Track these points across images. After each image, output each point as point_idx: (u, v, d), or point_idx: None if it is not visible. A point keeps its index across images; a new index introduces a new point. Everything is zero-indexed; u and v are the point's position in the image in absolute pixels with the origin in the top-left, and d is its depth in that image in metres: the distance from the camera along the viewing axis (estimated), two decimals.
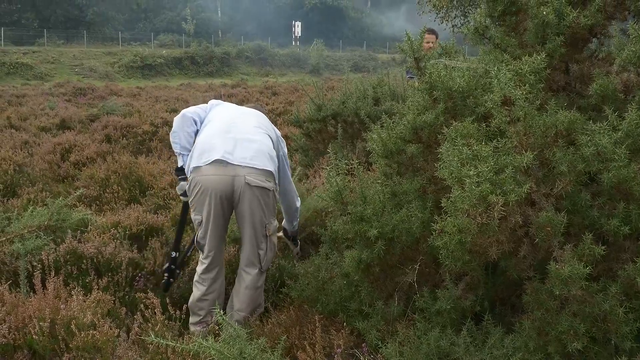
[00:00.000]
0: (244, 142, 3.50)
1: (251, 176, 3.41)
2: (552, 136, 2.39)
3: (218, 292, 3.63)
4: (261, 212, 3.52)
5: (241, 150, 3.45)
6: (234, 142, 3.47)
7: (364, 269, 3.05)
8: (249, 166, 3.42)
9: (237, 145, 3.46)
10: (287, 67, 50.78)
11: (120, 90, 24.67)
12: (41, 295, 3.29)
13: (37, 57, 41.10)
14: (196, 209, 3.53)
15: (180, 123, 3.66)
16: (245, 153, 3.45)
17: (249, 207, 3.46)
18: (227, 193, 3.42)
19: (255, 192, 3.44)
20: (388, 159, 3.11)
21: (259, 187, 3.45)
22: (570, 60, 2.92)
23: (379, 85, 7.39)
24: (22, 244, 3.99)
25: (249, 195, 3.43)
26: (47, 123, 12.80)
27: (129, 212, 5.22)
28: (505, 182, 2.18)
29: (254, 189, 3.43)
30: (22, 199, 6.27)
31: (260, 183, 3.45)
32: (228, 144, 3.45)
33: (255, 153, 3.48)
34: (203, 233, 3.54)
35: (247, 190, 3.42)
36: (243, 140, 3.51)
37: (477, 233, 2.20)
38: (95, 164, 7.93)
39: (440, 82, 2.79)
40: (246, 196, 3.43)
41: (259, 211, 3.50)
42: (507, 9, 2.93)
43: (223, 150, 3.41)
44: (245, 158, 3.43)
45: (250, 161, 3.44)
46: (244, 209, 3.47)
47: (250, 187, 3.42)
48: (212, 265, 3.59)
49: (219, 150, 3.41)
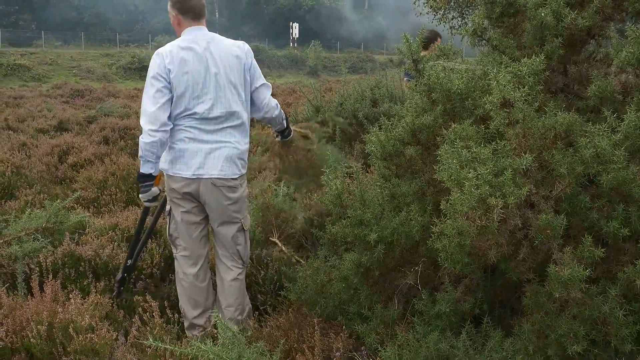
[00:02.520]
0: (220, 150, 3.39)
1: (218, 178, 3.39)
2: (551, 138, 2.39)
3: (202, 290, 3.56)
4: (229, 209, 3.46)
5: (212, 162, 3.37)
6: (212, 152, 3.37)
7: (363, 272, 3.04)
8: (217, 177, 3.38)
9: (213, 157, 3.37)
10: (284, 68, 50.78)
11: (118, 92, 24.65)
12: (39, 298, 3.28)
13: (34, 58, 41.05)
14: (169, 201, 3.53)
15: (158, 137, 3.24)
16: (216, 165, 3.37)
17: (216, 204, 3.42)
18: (193, 194, 3.41)
19: (222, 190, 3.40)
20: (386, 161, 3.10)
21: (225, 187, 3.41)
22: (569, 62, 2.92)
23: (376, 86, 7.40)
24: (20, 247, 3.97)
25: (215, 194, 3.39)
26: (45, 125, 12.77)
27: (127, 214, 5.21)
28: (505, 184, 2.17)
29: (220, 188, 3.40)
30: (19, 201, 6.25)
31: (226, 183, 3.41)
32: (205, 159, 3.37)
33: (230, 162, 3.41)
34: (175, 225, 3.51)
35: (213, 190, 3.39)
36: (219, 149, 3.39)
37: (476, 236, 2.20)
38: (93, 165, 7.92)
39: (438, 84, 2.79)
40: (212, 195, 3.39)
41: (226, 208, 3.45)
42: (505, 11, 2.93)
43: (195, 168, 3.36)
44: (215, 170, 3.37)
45: (220, 172, 3.38)
46: (211, 207, 3.44)
47: (215, 187, 3.38)
48: (194, 257, 3.53)
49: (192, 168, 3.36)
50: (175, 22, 3.46)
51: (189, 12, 3.41)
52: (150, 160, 3.28)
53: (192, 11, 3.41)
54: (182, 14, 3.41)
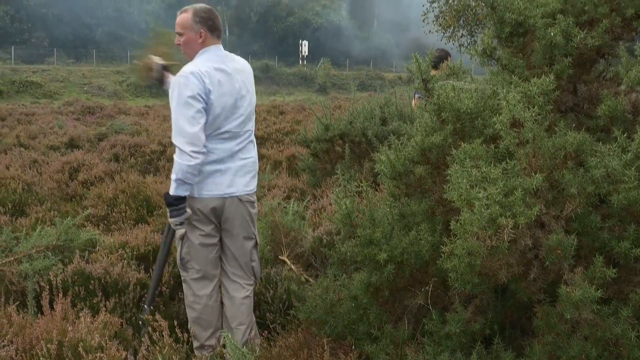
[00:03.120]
0: (246, 167, 3.49)
1: (243, 196, 3.48)
2: (561, 158, 2.38)
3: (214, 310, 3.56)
4: (251, 225, 3.54)
5: (241, 179, 3.46)
6: (240, 170, 3.46)
7: (372, 292, 3.03)
8: (244, 193, 3.48)
9: (241, 175, 3.46)
10: (294, 86, 51.03)
11: (129, 109, 24.85)
12: (49, 317, 3.29)
13: (46, 75, 41.49)
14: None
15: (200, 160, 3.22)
16: (244, 182, 3.48)
17: (240, 219, 3.47)
18: (217, 210, 3.42)
19: (246, 206, 3.49)
20: (396, 181, 3.10)
21: (249, 202, 3.51)
22: (578, 81, 2.92)
23: (386, 105, 7.41)
24: (30, 264, 4.00)
25: (241, 210, 3.45)
26: (56, 142, 12.89)
27: (137, 232, 5.22)
28: (515, 204, 2.16)
29: (245, 203, 3.48)
30: (30, 218, 6.29)
31: (250, 198, 3.53)
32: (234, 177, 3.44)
33: (250, 179, 3.53)
34: (188, 248, 3.44)
35: (239, 206, 3.45)
36: (245, 165, 3.49)
37: (486, 256, 2.19)
38: (103, 183, 7.96)
39: (448, 104, 2.79)
40: (237, 212, 3.44)
41: (249, 224, 3.53)
42: (514, 31, 2.93)
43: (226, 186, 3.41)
44: (245, 187, 3.49)
45: (245, 188, 3.49)
46: (234, 224, 3.46)
47: (241, 202, 3.46)
48: (206, 279, 3.51)
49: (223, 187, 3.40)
50: (197, 38, 3.37)
51: (216, 30, 3.43)
52: (190, 182, 3.23)
53: (218, 29, 3.44)
54: (210, 31, 3.39)
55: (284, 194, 7.20)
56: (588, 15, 2.78)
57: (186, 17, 3.38)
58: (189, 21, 3.36)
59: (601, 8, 2.72)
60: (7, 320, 3.28)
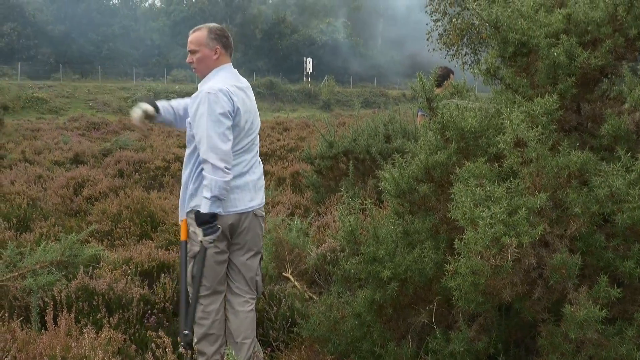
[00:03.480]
0: (260, 180, 3.58)
1: (259, 208, 3.54)
2: (565, 177, 2.39)
3: (221, 323, 3.54)
4: (260, 239, 3.61)
5: (258, 193, 3.54)
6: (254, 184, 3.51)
7: (376, 310, 3.03)
8: (258, 207, 3.55)
9: (255, 189, 3.52)
10: (298, 102, 51.18)
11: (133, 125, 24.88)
12: (53, 332, 3.29)
13: (52, 91, 41.71)
14: (195, 239, 3.41)
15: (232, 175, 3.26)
16: (260, 195, 3.56)
17: (252, 235, 3.51)
18: (234, 225, 3.44)
19: (259, 220, 3.55)
20: (400, 198, 3.11)
21: (261, 216, 3.58)
22: (582, 100, 2.93)
23: (390, 122, 7.43)
24: (35, 280, 4.00)
25: (254, 224, 3.51)
26: (61, 157, 12.94)
27: (141, 248, 5.23)
28: (519, 223, 2.17)
29: (258, 218, 3.54)
30: (35, 233, 6.30)
31: (262, 212, 3.59)
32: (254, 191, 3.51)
33: (263, 193, 3.60)
34: (199, 266, 3.41)
35: (253, 220, 3.50)
36: (260, 179, 3.58)
37: (490, 275, 2.19)
38: (108, 198, 7.97)
39: (452, 122, 2.81)
40: (251, 225, 3.49)
41: (259, 238, 3.59)
42: (517, 50, 2.95)
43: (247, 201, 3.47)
44: (260, 202, 3.57)
45: (261, 202, 3.57)
46: (247, 238, 3.49)
47: (255, 217, 3.51)
48: (215, 294, 3.50)
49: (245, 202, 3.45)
50: (212, 55, 3.43)
51: (230, 48, 3.52)
52: (223, 198, 3.26)
53: (231, 47, 3.53)
54: (224, 49, 3.47)
55: (288, 211, 7.21)
56: (591, 36, 2.79)
57: (201, 34, 3.43)
58: (205, 38, 3.42)
59: (604, 28, 2.73)
60: (11, 336, 3.28)
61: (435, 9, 18.87)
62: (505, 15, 2.87)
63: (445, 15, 18.58)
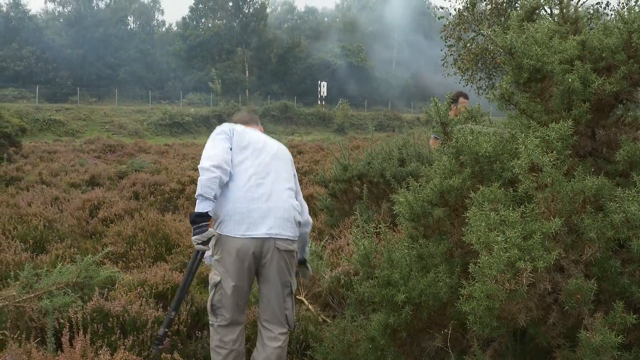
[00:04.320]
0: (279, 210, 3.51)
1: (280, 242, 3.47)
2: (580, 202, 2.39)
3: (239, 353, 3.57)
4: (287, 274, 3.55)
5: (275, 222, 3.47)
6: (270, 213, 3.47)
7: (390, 334, 3.02)
8: (280, 237, 3.48)
9: (272, 216, 3.47)
10: (312, 125, 51.37)
11: (149, 148, 25.14)
12: (68, 354, 3.31)
13: (69, 114, 42.21)
14: (217, 269, 3.49)
15: (219, 174, 3.37)
16: (280, 225, 3.49)
17: (276, 269, 3.48)
18: (255, 256, 3.44)
19: (283, 255, 3.50)
20: (414, 222, 3.12)
21: (286, 251, 3.52)
22: (597, 126, 2.93)
23: (404, 146, 7.45)
24: (50, 301, 4.03)
25: (277, 259, 3.47)
26: (77, 179, 13.07)
27: (155, 270, 5.26)
28: (534, 248, 2.17)
29: (282, 252, 3.49)
30: (51, 254, 6.35)
31: (288, 247, 3.52)
32: (266, 217, 3.46)
33: (287, 222, 3.53)
34: (220, 296, 3.47)
35: (275, 254, 3.46)
36: (277, 209, 3.51)
37: (505, 299, 2.19)
38: (123, 220, 8.03)
39: (467, 147, 2.82)
40: (274, 260, 3.47)
41: (285, 273, 3.53)
42: (532, 76, 2.97)
43: (266, 227, 3.44)
44: (280, 230, 3.49)
45: (283, 232, 3.50)
46: (271, 272, 3.48)
47: (279, 251, 3.47)
48: (233, 325, 3.52)
49: (261, 227, 3.43)
50: None
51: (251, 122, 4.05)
52: (209, 196, 3.34)
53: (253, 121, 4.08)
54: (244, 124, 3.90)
55: None
56: (606, 62, 2.81)
57: None
58: None
59: (619, 55, 2.75)
60: (27, 357, 3.31)
61: (449, 34, 18.96)
62: (520, 41, 2.89)
63: (459, 41, 18.66)
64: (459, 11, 18.19)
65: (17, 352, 3.35)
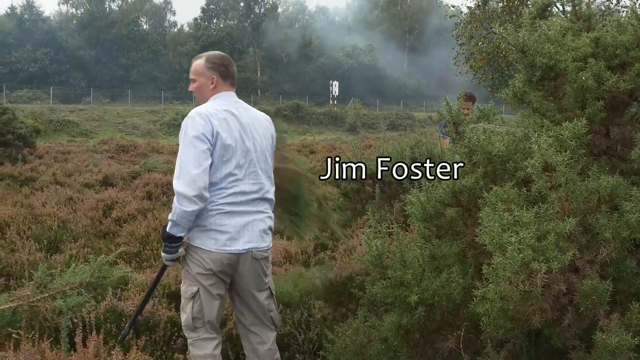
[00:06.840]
0: (259, 222, 3.33)
1: (258, 251, 3.32)
2: (594, 202, 2.36)
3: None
4: (265, 277, 3.41)
5: (254, 235, 3.29)
6: (250, 224, 3.28)
7: (403, 334, 3.00)
8: (258, 249, 3.32)
9: (252, 229, 3.28)
10: (324, 125, 51.28)
11: (162, 148, 25.20)
12: (81, 354, 3.32)
13: (83, 114, 42.46)
14: (192, 280, 3.30)
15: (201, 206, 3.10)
16: (259, 239, 3.31)
17: (253, 275, 3.33)
18: (231, 266, 3.26)
19: (260, 262, 3.35)
20: (427, 222, 3.10)
21: (263, 258, 3.38)
22: (611, 124, 2.90)
23: (416, 145, 7.42)
24: (64, 301, 4.05)
25: (254, 265, 3.32)
26: (91, 179, 13.14)
27: (168, 270, 5.25)
28: (548, 248, 2.15)
29: (259, 260, 3.35)
30: (65, 254, 6.39)
31: (265, 254, 3.38)
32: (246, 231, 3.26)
33: (265, 234, 3.36)
34: (200, 306, 3.26)
35: (252, 262, 3.31)
36: (258, 219, 3.33)
37: (519, 300, 2.17)
38: (136, 220, 8.07)
39: (479, 147, 2.80)
40: (251, 267, 3.31)
41: (263, 277, 3.39)
42: (545, 74, 2.94)
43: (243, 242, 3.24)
44: (258, 244, 3.31)
45: (262, 244, 3.33)
46: (248, 279, 3.33)
47: (255, 259, 3.32)
48: (216, 337, 3.34)
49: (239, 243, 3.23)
50: (209, 84, 3.37)
51: (229, 77, 3.42)
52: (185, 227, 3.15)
53: (231, 77, 3.43)
54: (222, 78, 3.38)
55: None
56: (620, 59, 2.78)
57: (199, 63, 3.38)
58: (202, 67, 3.37)
59: (633, 52, 2.72)
60: (41, 357, 3.33)
61: (461, 32, 18.87)
62: (532, 39, 2.87)
63: (471, 39, 18.57)
64: (471, 9, 18.11)
65: (31, 352, 3.37)
